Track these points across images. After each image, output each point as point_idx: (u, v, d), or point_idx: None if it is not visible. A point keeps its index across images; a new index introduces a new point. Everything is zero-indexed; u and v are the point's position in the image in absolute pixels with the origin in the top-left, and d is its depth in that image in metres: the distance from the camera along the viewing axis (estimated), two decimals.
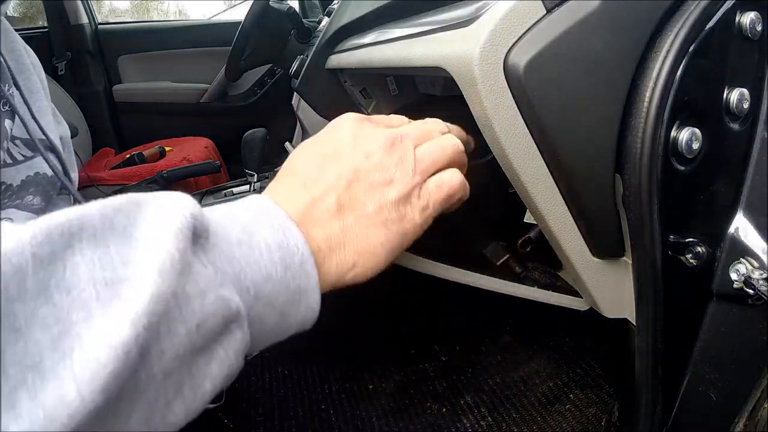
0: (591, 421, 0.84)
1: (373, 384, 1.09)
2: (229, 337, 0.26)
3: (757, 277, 0.39)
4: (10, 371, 0.19)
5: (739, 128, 0.41)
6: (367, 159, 0.34)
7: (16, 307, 0.20)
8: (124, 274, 0.22)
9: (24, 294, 0.20)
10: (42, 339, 0.20)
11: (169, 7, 8.59)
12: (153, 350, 0.22)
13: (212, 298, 0.25)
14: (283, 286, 0.29)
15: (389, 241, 0.34)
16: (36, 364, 0.19)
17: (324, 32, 0.82)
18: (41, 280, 0.20)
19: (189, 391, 0.25)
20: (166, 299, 0.22)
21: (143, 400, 0.22)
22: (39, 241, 0.21)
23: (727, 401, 0.44)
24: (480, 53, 0.36)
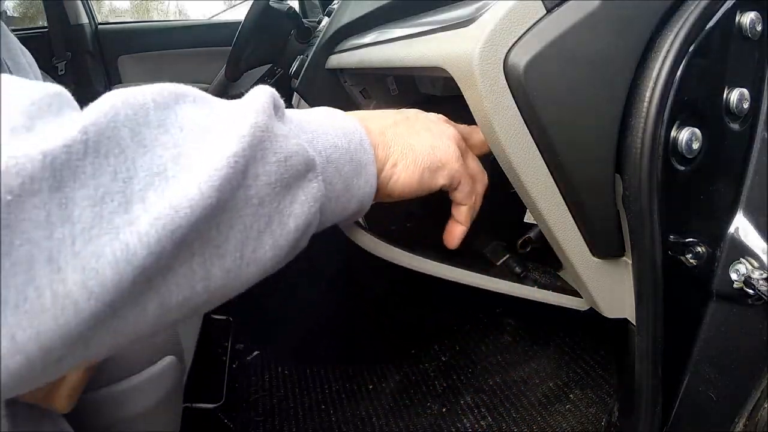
0: (591, 421, 0.84)
1: (373, 384, 1.09)
2: (308, 184, 0.30)
3: (757, 277, 0.39)
4: (141, 174, 0.23)
5: (739, 128, 0.41)
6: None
7: (143, 130, 0.24)
8: (226, 116, 0.27)
9: (148, 123, 0.24)
10: (164, 155, 0.24)
11: (169, 7, 8.59)
12: (250, 172, 0.26)
13: (294, 141, 0.29)
14: (348, 157, 0.34)
15: (428, 157, 0.39)
16: (161, 172, 0.24)
17: (324, 32, 0.82)
18: (160, 118, 0.25)
19: (277, 226, 0.28)
20: (262, 130, 0.27)
21: (240, 223, 0.26)
22: (156, 91, 0.26)
23: (727, 401, 0.44)
24: (480, 53, 0.36)
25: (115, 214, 0.22)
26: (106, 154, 0.22)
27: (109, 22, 2.53)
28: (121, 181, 0.22)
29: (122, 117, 0.24)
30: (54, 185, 0.20)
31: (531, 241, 0.56)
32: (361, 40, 0.71)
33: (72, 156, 0.21)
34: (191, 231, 0.23)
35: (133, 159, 0.23)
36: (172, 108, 0.26)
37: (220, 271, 0.26)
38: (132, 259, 0.21)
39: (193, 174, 0.24)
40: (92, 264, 0.21)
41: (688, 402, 0.45)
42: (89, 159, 0.22)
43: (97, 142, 0.22)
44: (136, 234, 0.22)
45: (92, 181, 0.22)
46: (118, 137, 0.23)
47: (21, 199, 0.20)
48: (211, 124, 0.26)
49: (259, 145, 0.27)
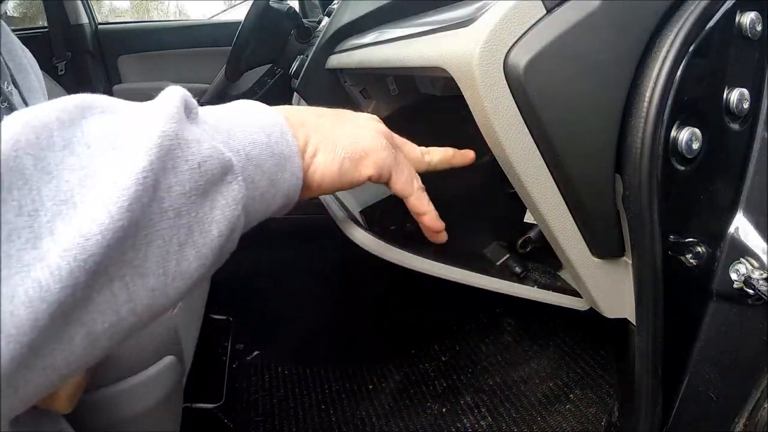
0: (591, 421, 0.84)
1: (373, 384, 1.09)
2: (228, 186, 0.29)
3: (757, 277, 0.39)
4: (47, 204, 0.22)
5: (739, 128, 0.41)
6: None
7: (47, 155, 0.23)
8: (134, 128, 0.26)
9: (53, 145, 0.24)
10: (71, 179, 0.23)
11: (169, 7, 8.59)
12: (162, 184, 0.25)
13: (207, 145, 0.28)
14: (268, 151, 0.32)
15: (349, 146, 0.38)
16: (68, 199, 0.23)
17: (324, 32, 0.82)
18: (65, 137, 0.24)
19: (198, 236, 0.27)
20: (171, 138, 0.26)
21: (158, 238, 0.25)
22: (60, 107, 0.25)
23: (727, 401, 0.44)
24: (480, 53, 0.36)
25: (24, 251, 0.21)
26: (9, 188, 0.22)
27: (109, 22, 2.53)
28: (26, 215, 0.22)
29: (23, 143, 0.23)
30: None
31: (531, 241, 0.56)
32: (361, 40, 0.71)
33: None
34: (104, 257, 0.23)
35: (38, 189, 0.22)
36: (78, 124, 0.25)
37: (144, 290, 0.25)
38: (46, 296, 0.21)
39: (101, 197, 0.23)
40: (7, 307, 0.20)
41: (688, 402, 0.45)
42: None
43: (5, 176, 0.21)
44: (47, 269, 0.21)
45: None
46: (21, 167, 0.22)
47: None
48: (119, 137, 0.25)
49: (168, 154, 0.26)
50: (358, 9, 0.76)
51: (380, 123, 0.42)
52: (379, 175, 0.39)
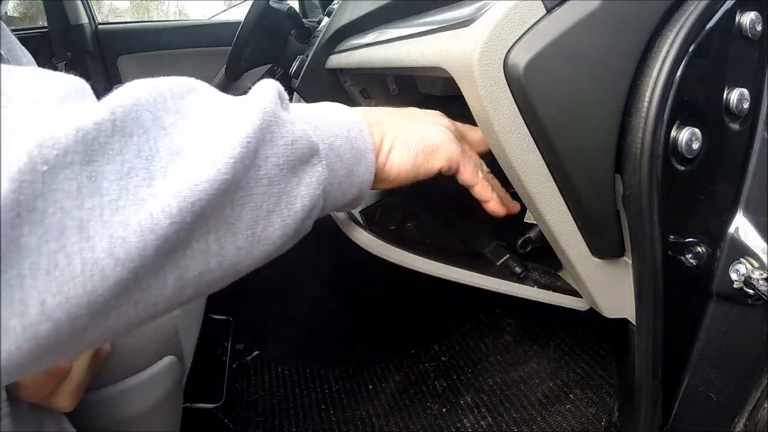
0: (591, 421, 0.84)
1: (373, 384, 1.09)
2: (312, 168, 0.32)
3: (757, 277, 0.39)
4: (162, 153, 0.25)
5: (739, 128, 0.41)
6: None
7: (162, 115, 0.26)
8: (238, 105, 0.29)
9: (167, 109, 0.26)
10: (184, 138, 0.26)
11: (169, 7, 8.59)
12: (261, 153, 0.28)
13: (299, 127, 0.31)
14: (348, 145, 0.36)
15: (421, 141, 0.41)
16: (180, 151, 0.25)
17: (324, 32, 0.82)
18: (177, 105, 0.27)
19: (285, 206, 0.30)
20: (270, 115, 0.29)
21: (252, 201, 0.28)
22: (173, 83, 0.28)
23: (727, 401, 0.44)
24: (480, 53, 0.36)
25: (140, 187, 0.23)
26: (130, 134, 0.24)
27: (109, 22, 2.52)
28: (144, 159, 0.24)
29: (143, 102, 0.25)
30: (85, 159, 0.22)
31: (531, 241, 0.56)
32: (361, 40, 0.71)
33: (101, 133, 0.23)
34: (209, 205, 0.25)
35: (155, 139, 0.25)
36: (186, 98, 0.28)
37: (233, 248, 0.27)
38: (155, 227, 0.23)
39: (210, 154, 0.26)
40: (119, 232, 0.22)
41: (688, 402, 0.45)
42: (116, 137, 0.23)
43: (123, 122, 0.24)
44: (159, 205, 0.23)
45: (119, 157, 0.23)
46: (141, 119, 0.25)
47: (55, 171, 0.21)
48: (224, 111, 0.28)
49: (268, 128, 0.29)
50: (358, 9, 0.76)
51: (445, 118, 0.45)
52: (449, 167, 0.42)
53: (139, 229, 0.22)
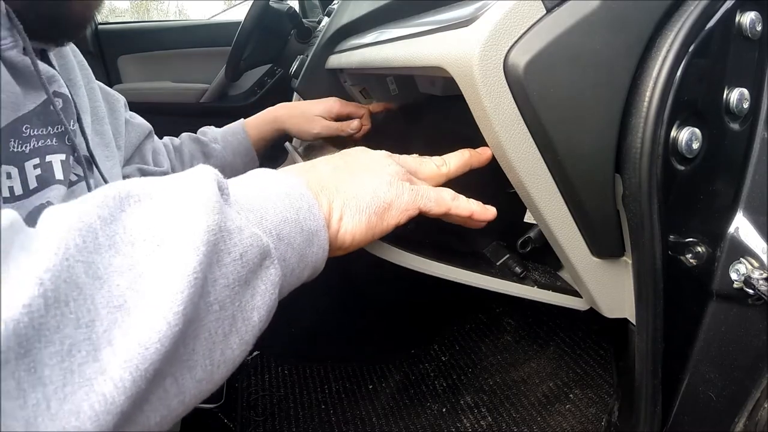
0: (591, 421, 0.84)
1: (373, 384, 1.09)
2: (266, 272, 0.29)
3: (757, 277, 0.39)
4: (102, 313, 0.22)
5: (739, 128, 0.41)
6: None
7: (95, 259, 0.23)
8: (176, 220, 0.26)
9: (99, 248, 0.23)
10: (121, 283, 0.23)
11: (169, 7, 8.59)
12: (209, 278, 0.25)
13: (247, 233, 0.28)
14: (298, 228, 0.33)
15: (372, 201, 0.38)
16: (121, 305, 0.22)
17: (324, 32, 0.82)
18: (108, 235, 0.24)
19: (241, 323, 0.28)
20: (215, 232, 0.26)
21: (205, 331, 0.25)
22: (99, 202, 0.24)
23: (727, 401, 0.44)
24: (480, 53, 0.36)
25: (85, 364, 0.21)
26: (66, 301, 0.21)
27: (109, 22, 2.52)
28: (84, 327, 0.21)
29: (73, 250, 0.22)
30: (20, 352, 0.19)
31: (531, 241, 0.56)
32: (361, 40, 0.71)
33: (33, 315, 0.20)
34: (163, 362, 0.23)
35: (92, 297, 0.22)
36: (119, 219, 0.25)
37: (192, 382, 0.25)
38: (111, 408, 0.21)
39: (156, 301, 0.23)
40: (72, 422, 0.20)
41: (688, 402, 0.45)
42: (51, 312, 0.20)
43: (56, 291, 0.21)
44: (110, 381, 0.21)
45: (56, 335, 0.20)
46: (74, 276, 0.22)
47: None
48: (162, 232, 0.25)
49: (213, 249, 0.26)
50: (358, 9, 0.76)
51: (390, 159, 0.42)
52: (407, 217, 0.40)
53: (94, 414, 0.20)
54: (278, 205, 0.32)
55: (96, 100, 0.62)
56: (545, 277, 0.58)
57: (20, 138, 0.45)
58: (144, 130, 0.76)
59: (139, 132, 0.75)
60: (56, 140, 0.49)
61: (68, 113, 0.52)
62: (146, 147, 0.77)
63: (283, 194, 0.33)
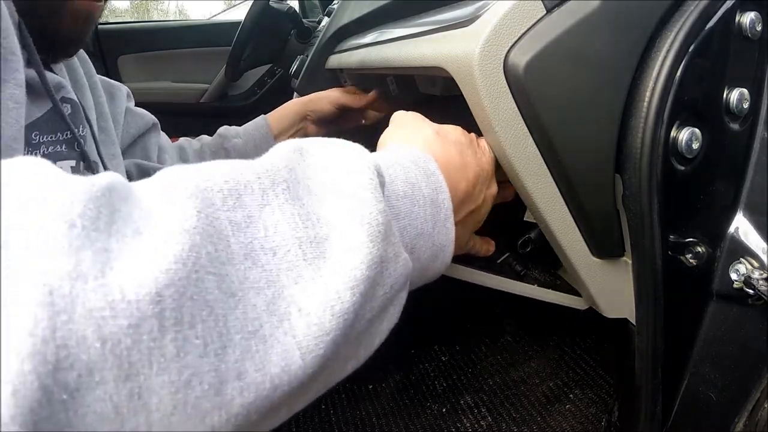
0: (591, 421, 0.84)
1: (373, 384, 1.09)
2: (399, 296, 0.26)
3: (757, 277, 0.39)
4: (235, 338, 0.18)
5: (739, 128, 0.41)
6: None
7: (228, 270, 0.19)
8: (324, 232, 0.21)
9: (231, 258, 0.19)
10: (258, 303, 0.19)
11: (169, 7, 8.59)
12: (357, 316, 0.21)
13: (402, 261, 0.24)
14: (430, 243, 0.29)
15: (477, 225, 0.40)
16: (256, 330, 0.19)
17: (324, 32, 0.82)
18: (244, 242, 0.19)
19: (363, 350, 0.25)
20: (376, 265, 0.22)
21: (336, 363, 0.22)
22: (231, 205, 0.20)
23: (727, 401, 0.44)
24: (480, 53, 0.36)
25: (204, 398, 0.17)
26: (191, 323, 0.17)
27: (109, 22, 2.52)
28: (212, 355, 0.17)
29: (204, 259, 0.18)
30: (120, 375, 0.16)
31: (531, 240, 0.56)
32: (361, 40, 0.71)
33: (142, 338, 0.16)
34: (286, 401, 0.20)
35: (225, 318, 0.18)
36: (257, 220, 0.20)
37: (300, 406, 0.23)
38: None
39: (297, 336, 0.19)
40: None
41: (688, 402, 0.45)
42: (169, 336, 0.17)
43: (179, 310, 0.17)
44: (225, 416, 0.18)
45: (175, 364, 0.17)
46: (204, 292, 0.18)
47: (79, 394, 0.15)
48: (311, 244, 0.21)
49: (371, 285, 0.22)
50: (358, 9, 0.76)
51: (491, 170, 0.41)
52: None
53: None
54: (421, 215, 0.28)
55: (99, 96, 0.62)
56: (545, 276, 0.58)
57: (30, 145, 0.45)
58: (146, 121, 0.75)
59: (140, 123, 0.74)
60: (65, 146, 0.49)
61: (77, 119, 0.52)
62: (151, 141, 0.75)
63: (429, 200, 0.29)
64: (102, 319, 0.16)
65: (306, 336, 0.19)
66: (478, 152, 0.40)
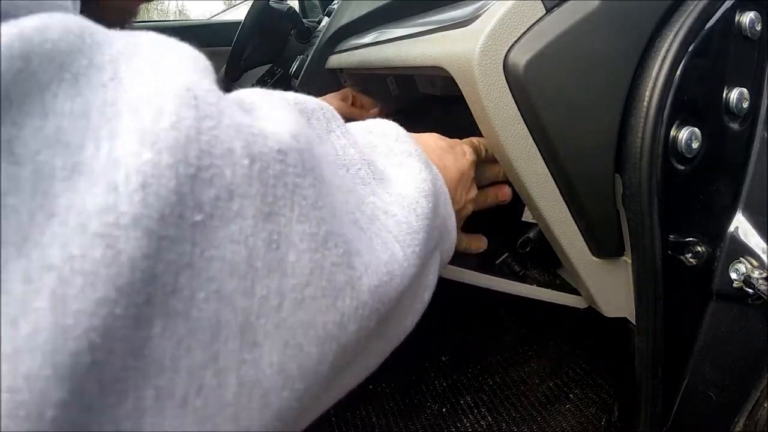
0: (591, 421, 0.84)
1: (373, 384, 1.09)
2: (436, 254, 0.27)
3: (757, 277, 0.39)
4: (344, 219, 0.17)
5: (739, 128, 0.41)
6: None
7: (323, 170, 0.18)
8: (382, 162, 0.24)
9: (319, 162, 0.18)
10: (349, 200, 0.19)
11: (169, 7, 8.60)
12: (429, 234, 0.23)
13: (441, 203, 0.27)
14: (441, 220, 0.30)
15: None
16: (356, 221, 0.19)
17: (324, 32, 0.82)
18: (322, 156, 0.19)
19: (419, 304, 0.26)
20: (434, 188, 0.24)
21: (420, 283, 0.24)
22: (303, 123, 0.19)
23: (727, 401, 0.44)
24: (480, 53, 0.36)
25: (338, 267, 0.16)
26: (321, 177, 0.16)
27: None
28: (337, 219, 0.16)
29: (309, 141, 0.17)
30: (263, 209, 0.14)
31: (531, 240, 0.56)
32: (361, 40, 0.71)
33: (288, 169, 0.15)
34: (391, 305, 0.19)
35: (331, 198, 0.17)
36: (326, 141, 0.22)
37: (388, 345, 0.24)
38: (340, 336, 0.16)
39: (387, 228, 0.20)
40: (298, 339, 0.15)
41: (688, 402, 0.45)
42: (308, 179, 0.15)
43: (310, 154, 0.16)
44: (355, 302, 0.16)
45: (315, 212, 0.15)
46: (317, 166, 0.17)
47: (212, 223, 0.13)
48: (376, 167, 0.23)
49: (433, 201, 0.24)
50: (358, 9, 0.76)
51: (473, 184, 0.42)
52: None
53: (325, 336, 0.15)
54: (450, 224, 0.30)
55: None
56: (544, 276, 0.58)
57: None
58: None
59: None
60: None
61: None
62: None
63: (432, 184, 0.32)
64: (252, 136, 0.14)
65: (399, 231, 0.20)
66: (458, 156, 0.40)
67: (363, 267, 0.17)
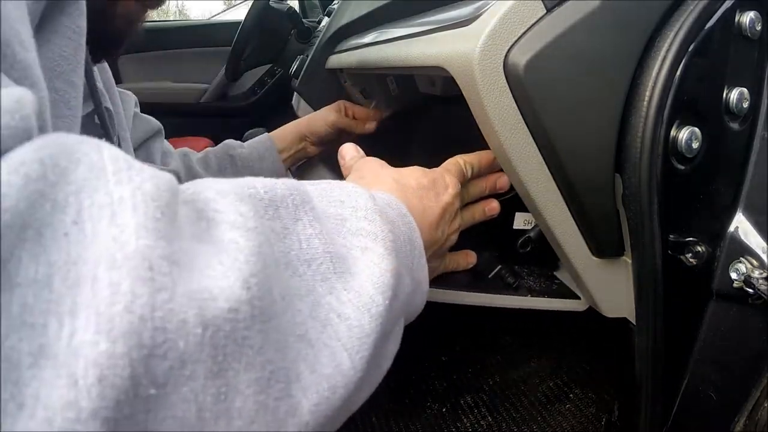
0: (591, 421, 0.84)
1: None
2: (400, 322, 0.28)
3: (757, 277, 0.39)
4: (290, 340, 0.18)
5: (739, 128, 0.41)
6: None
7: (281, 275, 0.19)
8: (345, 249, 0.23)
9: (277, 264, 0.19)
10: (302, 308, 0.19)
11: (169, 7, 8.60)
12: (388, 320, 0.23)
13: (408, 279, 0.27)
14: (410, 277, 0.30)
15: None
16: (303, 335, 0.19)
17: (324, 32, 0.82)
18: (284, 252, 0.20)
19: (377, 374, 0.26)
20: (397, 274, 0.24)
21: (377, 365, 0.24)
22: (271, 215, 0.21)
23: (727, 401, 0.44)
24: (480, 52, 0.36)
25: (280, 401, 0.17)
26: (269, 318, 0.17)
27: None
28: (281, 352, 0.17)
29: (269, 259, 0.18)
30: (213, 369, 0.15)
31: (531, 240, 0.56)
32: (361, 40, 0.71)
33: (238, 325, 0.15)
34: (340, 409, 0.20)
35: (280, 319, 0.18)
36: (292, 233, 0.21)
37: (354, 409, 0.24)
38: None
39: (342, 340, 0.20)
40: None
41: (688, 402, 0.45)
42: (257, 326, 0.16)
43: (261, 300, 0.16)
44: (297, 426, 0.17)
45: (260, 357, 0.16)
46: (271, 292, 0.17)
47: (165, 391, 0.14)
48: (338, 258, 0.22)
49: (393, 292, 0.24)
50: (358, 9, 0.76)
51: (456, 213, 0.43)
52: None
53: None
54: (403, 250, 0.29)
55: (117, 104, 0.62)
56: (539, 283, 0.57)
57: None
58: (152, 126, 0.76)
59: (146, 128, 0.75)
60: None
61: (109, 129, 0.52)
62: (155, 146, 0.76)
63: (407, 238, 0.30)
64: (203, 301, 0.15)
65: (350, 338, 0.20)
66: (440, 191, 0.40)
67: (301, 392, 0.18)
